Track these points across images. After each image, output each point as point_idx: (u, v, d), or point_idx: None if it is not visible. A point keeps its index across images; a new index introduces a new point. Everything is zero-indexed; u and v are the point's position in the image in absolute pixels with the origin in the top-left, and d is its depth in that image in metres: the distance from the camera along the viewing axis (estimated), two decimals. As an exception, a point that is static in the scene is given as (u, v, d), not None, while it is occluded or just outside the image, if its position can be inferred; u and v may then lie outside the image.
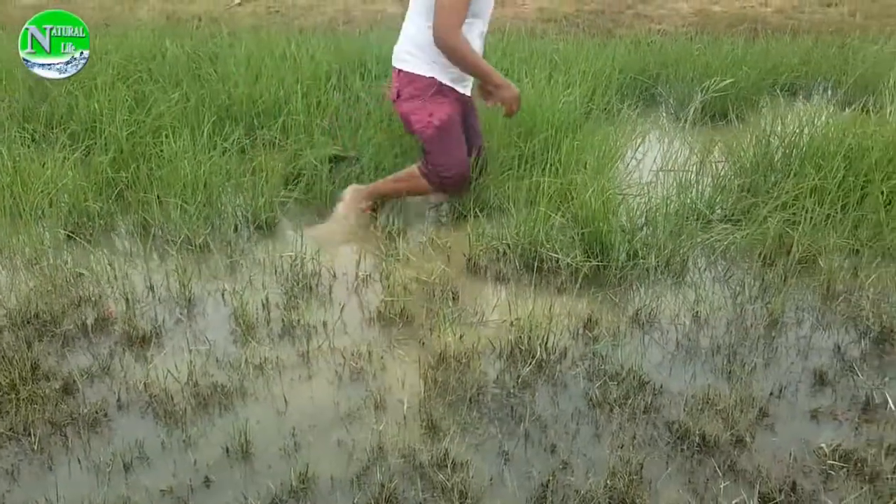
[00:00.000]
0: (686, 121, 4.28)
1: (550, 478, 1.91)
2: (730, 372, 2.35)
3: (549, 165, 3.69)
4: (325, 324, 2.62)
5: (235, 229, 3.27)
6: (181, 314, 2.70)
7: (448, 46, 2.81)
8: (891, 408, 2.15)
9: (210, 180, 3.48)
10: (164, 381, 2.30)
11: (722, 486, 1.89)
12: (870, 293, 2.68)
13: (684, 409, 2.17)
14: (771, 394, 2.25)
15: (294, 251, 3.02)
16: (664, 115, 4.82)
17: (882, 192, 3.04)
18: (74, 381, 2.30)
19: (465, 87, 3.10)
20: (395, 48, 3.08)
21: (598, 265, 2.88)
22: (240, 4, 8.30)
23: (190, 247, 3.11)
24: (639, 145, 4.04)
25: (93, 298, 2.75)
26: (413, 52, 2.96)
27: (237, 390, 2.28)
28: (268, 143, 3.92)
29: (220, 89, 4.34)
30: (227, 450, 2.04)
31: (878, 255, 2.86)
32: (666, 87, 5.03)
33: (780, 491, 1.87)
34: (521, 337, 2.47)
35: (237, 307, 2.63)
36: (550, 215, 3.05)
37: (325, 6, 8.16)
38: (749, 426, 2.09)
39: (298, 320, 2.63)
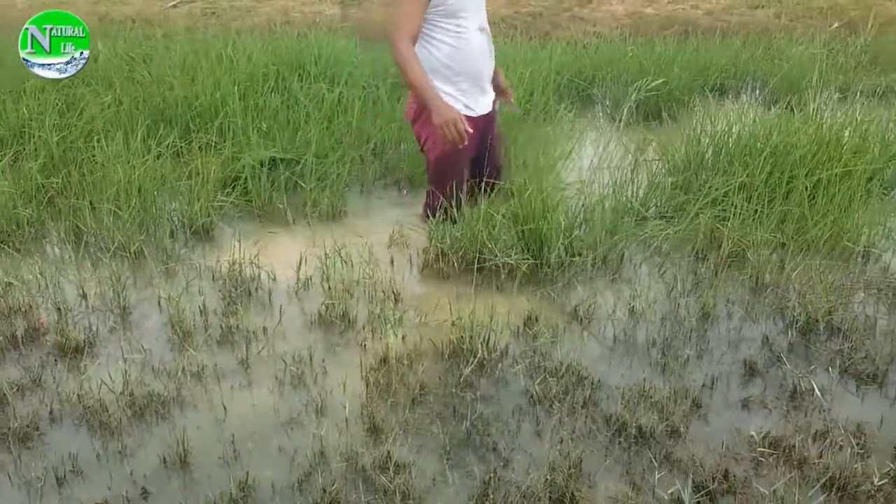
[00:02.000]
0: (621, 121, 4.37)
1: (492, 475, 1.93)
2: (664, 365, 2.41)
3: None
4: (264, 329, 2.59)
5: (171, 235, 3.21)
6: (115, 323, 2.64)
7: (393, 52, 2.74)
8: (817, 395, 2.24)
9: (144, 185, 3.41)
10: (98, 391, 2.24)
11: (657, 477, 1.94)
12: (796, 285, 2.78)
13: (621, 403, 2.22)
14: (704, 385, 2.32)
15: (232, 256, 2.98)
16: (600, 115, 4.91)
17: (806, 188, 3.16)
18: (4, 395, 2.23)
19: (485, 105, 2.98)
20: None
21: (537, 263, 2.92)
22: (175, 6, 8.14)
23: (124, 253, 3.04)
24: (576, 145, 4.11)
25: (23, 308, 2.66)
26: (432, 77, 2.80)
27: (174, 399, 2.24)
28: (204, 146, 3.85)
29: (155, 92, 4.25)
30: (165, 460, 2.00)
31: (802, 248, 2.98)
32: (601, 87, 5.13)
33: (714, 479, 1.93)
34: (462, 336, 2.49)
35: (173, 314, 2.59)
36: (492, 215, 3.07)
37: (262, 7, 8.06)
38: (683, 417, 2.16)
39: (237, 326, 2.60)
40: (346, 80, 4.56)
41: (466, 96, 2.90)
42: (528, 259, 2.89)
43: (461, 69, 2.85)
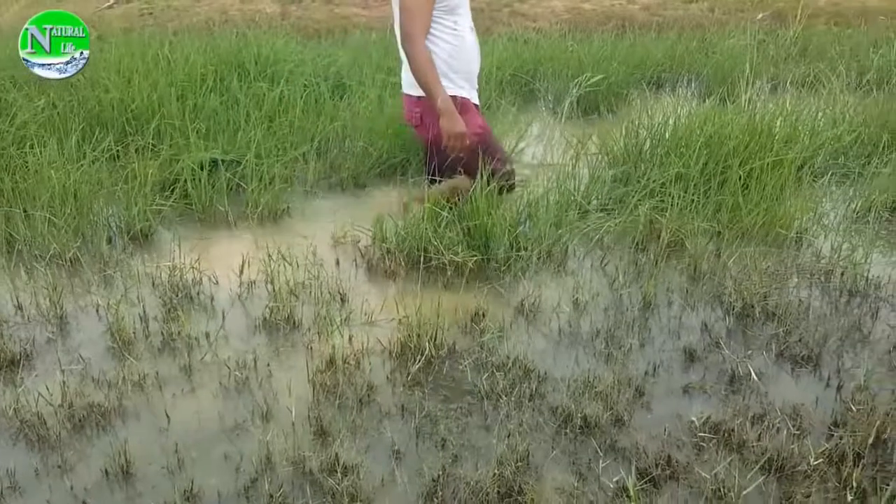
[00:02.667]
0: (562, 115, 4.42)
1: (441, 472, 1.94)
2: (608, 354, 2.45)
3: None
4: (207, 334, 2.55)
5: (109, 241, 3.14)
6: (52, 333, 2.57)
7: (408, 54, 2.76)
8: (754, 379, 2.31)
9: (80, 190, 3.32)
10: (35, 404, 2.18)
11: (602, 465, 1.97)
12: (732, 272, 2.86)
13: (567, 394, 2.25)
14: (646, 373, 2.37)
15: (172, 260, 2.92)
16: (542, 109, 4.96)
17: (739, 177, 3.25)
18: (-67, 413, 2.15)
19: (476, 101, 3.03)
20: (404, 76, 2.95)
21: (484, 259, 2.94)
22: (110, 7, 7.93)
23: (60, 261, 2.95)
24: (519, 140, 4.15)
25: (-49, 323, 2.57)
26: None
27: (115, 409, 2.19)
28: (141, 149, 3.76)
29: (90, 95, 4.14)
30: (107, 472, 1.96)
31: (738, 236, 3.06)
32: (543, 82, 5.19)
33: (657, 465, 1.97)
34: (410, 335, 2.49)
35: (113, 322, 2.53)
36: (437, 212, 3.08)
37: (199, 7, 7.91)
38: (627, 405, 2.20)
39: (179, 332, 2.55)
40: (286, 79, 4.51)
41: (464, 93, 2.94)
42: (475, 256, 2.91)
43: (459, 67, 2.90)
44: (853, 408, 2.17)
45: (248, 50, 4.86)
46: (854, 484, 1.90)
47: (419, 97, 2.90)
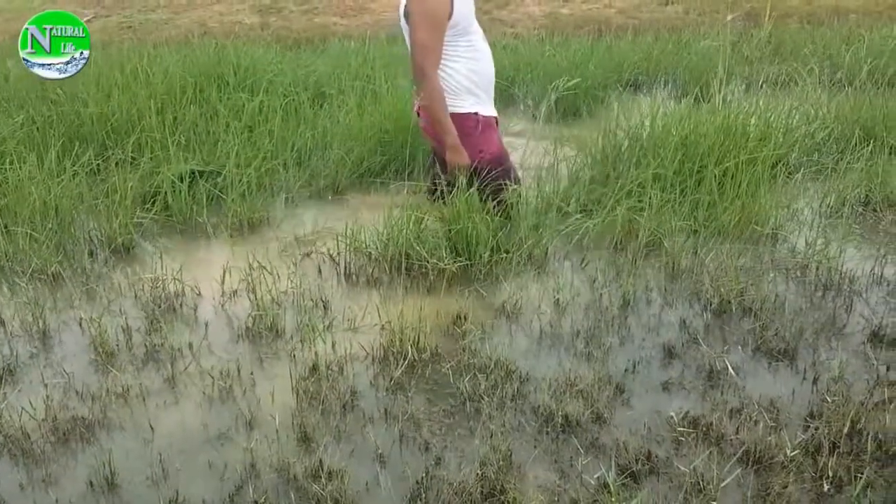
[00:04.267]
0: (540, 118, 4.46)
1: (424, 475, 1.96)
2: (589, 353, 2.48)
3: (413, 170, 3.78)
4: (190, 345, 2.56)
5: (90, 255, 3.14)
6: (35, 347, 2.57)
7: (425, 87, 2.85)
8: (731, 374, 2.35)
9: (61, 205, 3.33)
10: (19, 419, 2.18)
11: (583, 463, 2.00)
12: (710, 269, 2.90)
13: (548, 393, 2.27)
14: (626, 370, 2.40)
15: (154, 272, 2.93)
16: (521, 113, 5.00)
17: (715, 176, 3.30)
18: (-84, 431, 2.14)
19: (493, 109, 3.15)
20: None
21: (465, 263, 2.97)
22: (89, 21, 7.91)
23: (42, 276, 2.95)
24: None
25: (-67, 340, 2.57)
26: (451, 97, 2.94)
27: (99, 422, 2.20)
28: (121, 162, 3.77)
29: (69, 110, 4.15)
30: (92, 484, 1.97)
31: (714, 234, 3.11)
32: (522, 87, 5.23)
33: (637, 461, 2.00)
34: (392, 340, 2.51)
35: (96, 335, 2.53)
36: (420, 218, 3.11)
37: (179, 20, 7.92)
38: (607, 403, 2.23)
39: (162, 343, 2.56)
40: (266, 89, 4.53)
41: (483, 105, 3.05)
42: (460, 260, 2.93)
43: (481, 81, 3.01)
44: (828, 399, 2.21)
45: (227, 61, 4.88)
46: (830, 473, 1.93)
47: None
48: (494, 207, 3.06)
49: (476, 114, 2.98)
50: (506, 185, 3.10)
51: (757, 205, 3.20)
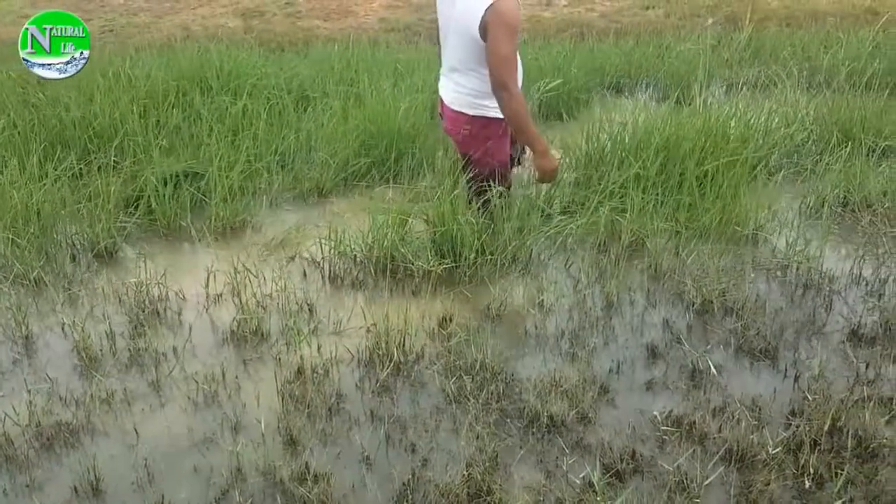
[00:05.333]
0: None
1: (410, 476, 1.97)
2: (573, 354, 2.50)
3: (397, 173, 3.79)
4: (174, 349, 2.55)
5: (73, 259, 3.12)
6: (18, 353, 2.55)
7: (505, 102, 2.77)
8: (714, 373, 2.37)
9: (43, 210, 3.31)
10: (2, 425, 2.17)
11: (569, 462, 2.02)
12: (691, 269, 2.93)
13: (534, 394, 2.29)
14: (610, 370, 2.42)
15: (137, 277, 2.92)
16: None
17: (696, 177, 3.33)
18: None
19: None
20: (458, 95, 2.92)
21: (450, 266, 2.98)
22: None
23: (25, 281, 2.93)
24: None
25: (-87, 347, 2.54)
26: (486, 100, 2.88)
27: (84, 427, 2.19)
28: (104, 166, 3.74)
29: (51, 114, 4.12)
30: (76, 490, 1.96)
31: (696, 235, 3.14)
32: (505, 90, 5.23)
33: (622, 460, 2.02)
34: (378, 342, 2.52)
35: (79, 341, 2.52)
36: (405, 220, 3.11)
37: (161, 23, 7.88)
38: (592, 403, 2.25)
39: (146, 348, 2.55)
40: (249, 93, 4.52)
41: None
42: (445, 263, 2.94)
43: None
44: (809, 397, 2.25)
45: (210, 65, 4.87)
46: (811, 470, 1.97)
47: (473, 115, 2.93)
48: (479, 208, 3.07)
49: (503, 120, 2.94)
50: (490, 186, 3.11)
51: (738, 206, 3.24)
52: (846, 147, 3.79)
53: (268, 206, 3.66)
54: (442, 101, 3.04)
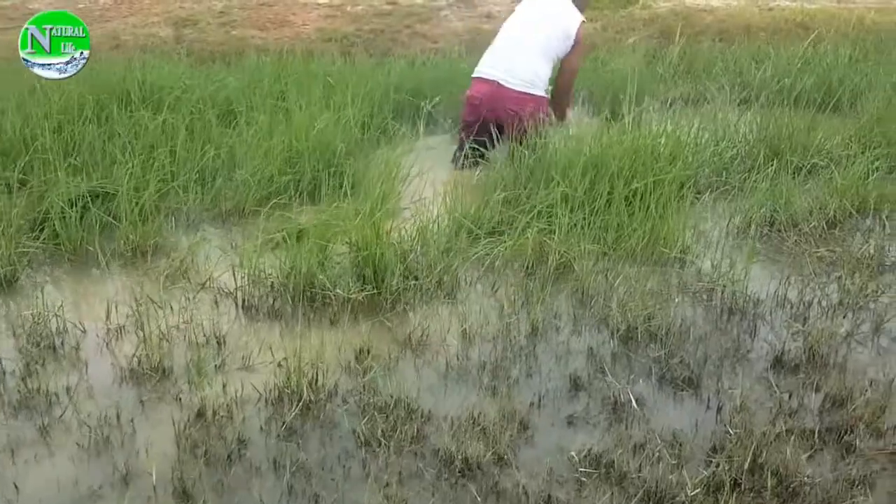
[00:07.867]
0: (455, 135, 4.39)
1: (312, 529, 1.84)
2: (494, 388, 2.40)
3: (320, 193, 3.65)
4: (68, 389, 2.37)
5: (-34, 289, 2.90)
6: None
7: (569, 104, 4.41)
8: (634, 407, 2.30)
9: (-65, 234, 3.07)
10: None
11: (481, 510, 1.92)
12: (619, 293, 2.86)
13: (449, 434, 2.18)
14: (531, 404, 2.33)
15: (35, 307, 2.72)
16: (439, 132, 4.91)
17: (625, 197, 3.28)
18: None
19: None
20: (527, 78, 4.04)
21: (372, 292, 2.85)
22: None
23: None
24: (413, 165, 4.07)
25: None
26: (546, 86, 4.15)
27: (-44, 483, 2.00)
28: (10, 187, 3.52)
29: (-47, 130, 3.86)
30: (-61, 558, 1.78)
31: (623, 257, 3.08)
32: (440, 106, 5.13)
33: (537, 505, 1.93)
34: (288, 379, 2.38)
35: (-38, 383, 2.32)
36: (325, 245, 2.99)
37: (90, 32, 7.56)
38: (510, 442, 2.14)
39: (38, 388, 2.36)
40: (171, 106, 4.32)
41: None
42: (367, 289, 2.82)
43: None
44: (731, 431, 2.19)
45: (131, 76, 4.66)
46: (731, 512, 1.90)
47: (540, 96, 4.09)
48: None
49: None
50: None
51: (665, 226, 3.19)
52: (773, 164, 3.79)
53: (184, 228, 3.48)
54: (498, 84, 4.03)
